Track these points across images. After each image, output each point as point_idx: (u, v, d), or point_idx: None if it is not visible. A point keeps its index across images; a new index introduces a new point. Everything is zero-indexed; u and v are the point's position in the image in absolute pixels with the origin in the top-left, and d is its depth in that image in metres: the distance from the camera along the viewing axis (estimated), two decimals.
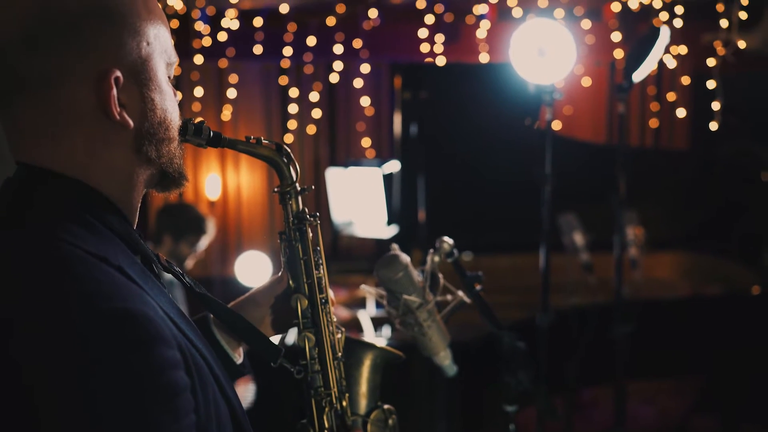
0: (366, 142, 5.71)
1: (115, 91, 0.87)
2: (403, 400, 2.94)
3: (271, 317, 1.18)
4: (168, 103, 0.95)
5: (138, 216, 0.98)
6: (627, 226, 3.74)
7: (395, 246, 1.48)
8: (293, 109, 5.62)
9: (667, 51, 4.45)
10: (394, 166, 4.25)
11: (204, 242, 3.54)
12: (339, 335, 1.15)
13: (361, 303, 3.94)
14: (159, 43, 0.93)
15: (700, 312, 3.73)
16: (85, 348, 0.75)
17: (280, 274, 1.18)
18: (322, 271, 1.14)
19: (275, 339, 1.19)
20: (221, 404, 0.91)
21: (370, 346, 1.25)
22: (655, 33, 2.39)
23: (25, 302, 0.77)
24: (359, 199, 4.65)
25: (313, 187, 1.21)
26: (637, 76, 2.42)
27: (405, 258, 1.44)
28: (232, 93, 5.52)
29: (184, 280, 1.04)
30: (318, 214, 1.15)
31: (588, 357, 3.36)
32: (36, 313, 0.76)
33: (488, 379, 2.24)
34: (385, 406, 1.23)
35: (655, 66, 2.70)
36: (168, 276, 3.34)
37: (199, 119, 1.03)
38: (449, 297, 1.56)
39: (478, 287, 1.67)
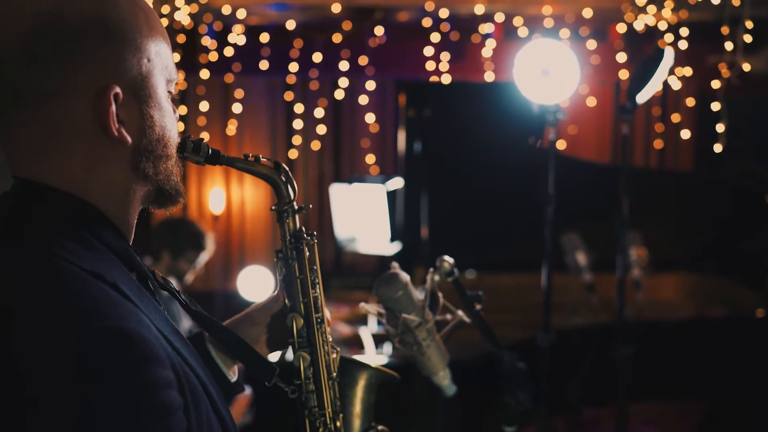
0: (370, 158, 5.72)
1: (114, 107, 0.87)
2: (404, 417, 2.92)
3: (267, 336, 1.17)
4: (167, 120, 0.94)
5: (135, 232, 0.98)
6: (630, 246, 3.72)
7: (395, 264, 1.48)
8: (298, 124, 5.64)
9: (672, 72, 4.47)
10: (397, 182, 4.26)
11: (203, 258, 3.52)
12: (334, 355, 1.14)
13: (363, 320, 3.92)
14: (160, 60, 0.93)
15: (703, 334, 3.70)
16: (80, 366, 0.74)
17: (276, 292, 1.17)
18: (318, 291, 1.13)
19: (275, 356, 1.18)
20: (214, 424, 0.90)
21: (365, 366, 1.24)
22: (659, 54, 2.39)
23: (20, 318, 0.76)
24: (363, 216, 4.65)
25: (311, 205, 1.21)
26: (641, 97, 2.41)
27: (405, 277, 1.43)
28: (237, 108, 5.55)
29: (179, 298, 1.03)
30: (315, 233, 1.14)
31: (590, 377, 3.33)
32: (30, 330, 0.75)
33: (489, 398, 2.22)
34: (380, 427, 1.22)
35: (659, 87, 2.70)
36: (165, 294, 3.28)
37: (202, 136, 1.02)
38: (449, 316, 1.55)
39: (478, 306, 1.66)
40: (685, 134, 5.38)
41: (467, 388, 2.72)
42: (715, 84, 3.85)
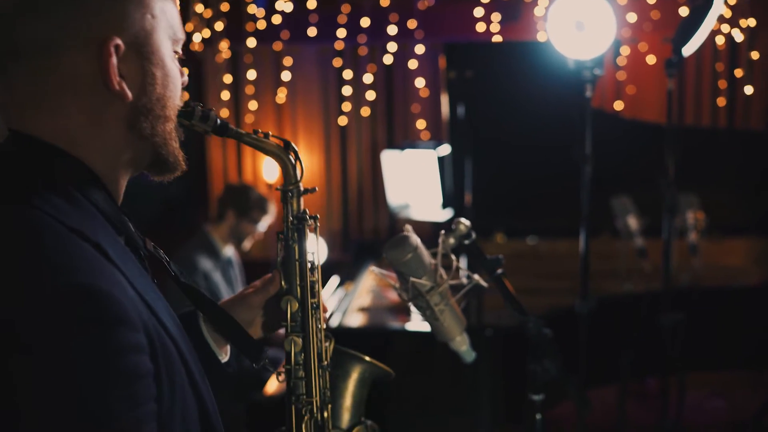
0: (421, 124, 5.65)
1: (114, 59, 0.86)
2: (448, 384, 2.90)
3: (262, 319, 1.15)
4: (170, 80, 0.93)
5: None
6: (687, 210, 3.56)
7: (408, 227, 1.43)
8: (347, 91, 5.60)
9: (736, 24, 4.21)
10: (448, 148, 4.18)
11: (265, 223, 3.60)
12: (327, 343, 1.12)
13: None
14: (165, 18, 0.91)
15: None
16: (36, 319, 0.72)
17: (272, 274, 1.15)
18: (316, 276, 1.11)
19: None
20: (189, 397, 0.88)
21: (359, 360, 1.21)
22: (707, 3, 2.23)
23: None
24: (415, 182, 4.60)
25: (316, 188, 1.19)
26: (688, 49, 2.27)
27: (415, 239, 1.38)
28: (286, 76, 5.55)
29: (169, 268, 1.01)
30: (318, 216, 1.12)
31: (643, 346, 3.22)
32: None
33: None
34: (369, 422, 1.20)
35: (720, 40, 2.51)
36: (228, 253, 3.35)
37: (251, 104, 1.00)
38: (465, 281, 1.50)
39: (499, 271, 1.60)
40: (749, 90, 5.07)
41: (510, 356, 2.67)
42: None
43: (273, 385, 3.00)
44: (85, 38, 0.85)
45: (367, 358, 1.21)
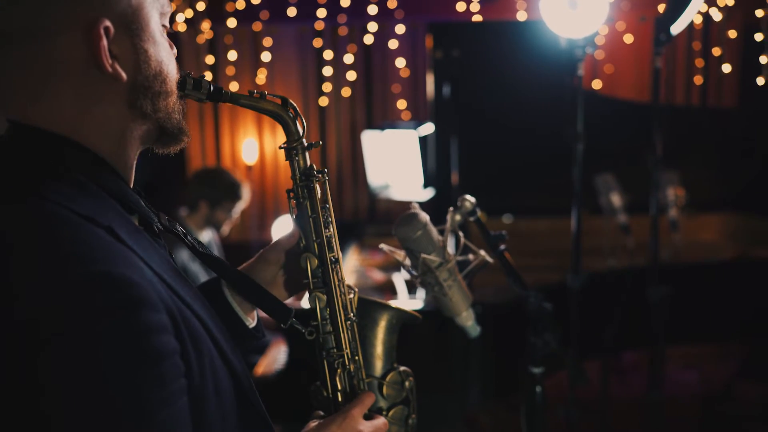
0: (402, 104, 5.65)
1: (105, 41, 0.84)
2: (439, 360, 2.93)
3: (284, 277, 1.15)
4: (163, 54, 0.91)
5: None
6: (667, 186, 3.63)
7: (415, 204, 1.45)
8: (328, 71, 5.58)
9: (713, 3, 4.27)
10: (429, 128, 4.19)
11: (239, 208, 3.54)
12: (351, 295, 1.12)
13: (396, 266, 3.92)
14: None
15: (745, 275, 3.62)
16: (58, 313, 0.72)
17: (291, 231, 1.14)
18: (331, 230, 1.10)
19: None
20: (220, 369, 0.88)
21: (385, 307, 1.21)
22: None
23: (7, 264, 0.74)
24: (395, 162, 4.60)
25: (320, 142, 1.18)
26: (676, 28, 2.30)
27: (424, 216, 1.40)
28: (266, 56, 5.50)
29: (186, 240, 1.01)
30: (326, 170, 1.10)
31: (626, 321, 3.29)
32: (16, 275, 0.73)
33: (525, 341, 2.21)
34: (401, 368, 1.20)
35: (698, 18, 2.57)
36: (206, 238, 3.31)
37: (232, 85, 0.98)
38: (471, 257, 1.52)
39: (502, 246, 1.62)
40: (726, 68, 5.16)
41: (502, 329, 2.72)
42: (759, 13, 3.66)
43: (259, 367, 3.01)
44: (71, 21, 0.83)
45: (393, 304, 1.21)
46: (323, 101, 5.64)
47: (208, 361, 0.86)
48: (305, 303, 2.92)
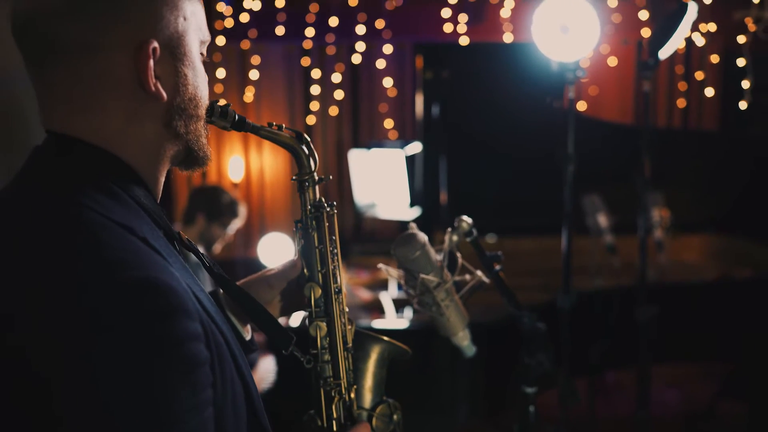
0: (389, 123, 5.68)
1: (152, 61, 0.88)
2: (426, 381, 2.93)
3: (281, 303, 1.18)
4: (200, 80, 0.95)
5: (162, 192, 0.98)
6: (653, 208, 3.69)
7: (413, 225, 1.46)
8: (315, 90, 5.60)
9: (695, 28, 4.36)
10: (416, 147, 4.22)
11: (235, 226, 3.55)
12: (350, 326, 1.15)
13: (383, 285, 3.93)
14: (195, 20, 0.94)
15: (728, 296, 3.67)
16: (100, 317, 0.74)
17: (294, 259, 1.17)
18: (336, 262, 1.13)
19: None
20: (237, 383, 0.91)
21: (378, 340, 1.23)
22: (682, 9, 2.32)
23: (50, 268, 0.77)
24: (382, 181, 4.63)
25: (331, 176, 1.21)
26: (664, 53, 2.35)
27: (422, 237, 1.41)
28: (254, 74, 5.52)
29: (204, 260, 1.03)
30: (335, 203, 1.14)
31: (612, 340, 3.32)
32: (61, 280, 0.76)
33: (513, 361, 2.23)
34: (391, 401, 1.21)
35: (681, 43, 2.63)
36: (192, 258, 3.31)
37: (224, 101, 1.03)
38: (468, 277, 1.54)
39: (497, 267, 1.64)
40: (709, 92, 5.26)
41: (492, 349, 2.73)
42: (741, 39, 3.74)
43: None
44: (123, 40, 0.87)
45: (386, 338, 1.23)
46: (310, 120, 5.65)
47: (228, 374, 0.88)
48: (292, 321, 2.90)
